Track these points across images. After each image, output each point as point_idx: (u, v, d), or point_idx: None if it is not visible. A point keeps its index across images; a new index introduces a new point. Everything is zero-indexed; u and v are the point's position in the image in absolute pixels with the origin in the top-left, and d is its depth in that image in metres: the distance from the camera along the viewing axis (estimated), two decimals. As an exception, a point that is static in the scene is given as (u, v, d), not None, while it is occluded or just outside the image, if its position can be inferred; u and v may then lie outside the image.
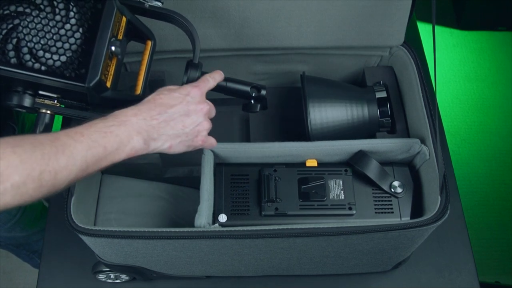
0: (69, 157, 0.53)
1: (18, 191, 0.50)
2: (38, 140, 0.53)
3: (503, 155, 1.84)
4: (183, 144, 0.66)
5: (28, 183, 0.51)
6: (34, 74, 0.58)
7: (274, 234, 0.68)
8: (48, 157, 0.52)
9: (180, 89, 0.66)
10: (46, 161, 0.52)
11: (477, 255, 0.97)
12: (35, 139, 0.53)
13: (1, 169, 0.49)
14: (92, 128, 0.57)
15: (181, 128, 0.64)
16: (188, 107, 0.65)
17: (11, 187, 0.49)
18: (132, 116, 0.60)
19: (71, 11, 0.59)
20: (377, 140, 0.80)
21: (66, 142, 0.54)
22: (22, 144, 0.51)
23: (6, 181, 0.49)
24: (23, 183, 0.50)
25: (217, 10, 0.82)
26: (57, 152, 0.53)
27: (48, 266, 0.93)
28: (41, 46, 0.58)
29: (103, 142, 0.57)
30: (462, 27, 2.11)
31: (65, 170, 0.53)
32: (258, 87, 0.75)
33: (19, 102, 0.61)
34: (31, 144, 0.52)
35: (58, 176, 0.53)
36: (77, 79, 0.59)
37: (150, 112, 0.62)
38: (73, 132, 0.55)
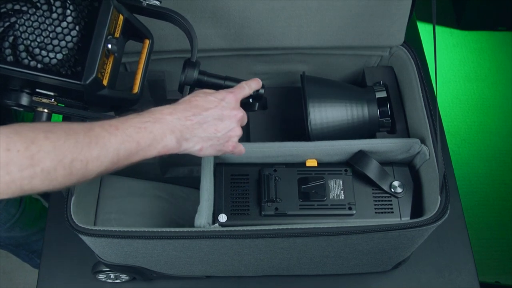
0: (101, 149, 0.54)
1: (48, 177, 0.51)
2: (72, 128, 0.53)
3: (503, 155, 1.84)
4: (214, 148, 0.66)
5: (58, 170, 0.51)
6: (30, 71, 0.58)
7: (274, 234, 0.68)
8: (81, 146, 0.52)
9: (216, 93, 0.66)
10: (79, 149, 0.52)
11: (477, 255, 0.97)
12: (69, 127, 0.53)
13: (33, 153, 0.49)
14: (127, 122, 0.57)
15: (213, 131, 0.64)
16: (223, 111, 0.65)
17: (41, 171, 0.50)
18: (168, 115, 0.61)
19: (67, 9, 0.59)
20: (377, 140, 0.80)
21: (100, 134, 0.54)
22: (56, 130, 0.52)
23: (37, 165, 0.49)
24: (53, 169, 0.50)
25: (217, 10, 0.82)
26: (90, 142, 0.53)
27: (48, 266, 0.93)
28: (38, 44, 0.58)
29: (137, 137, 0.57)
30: (462, 27, 2.11)
31: (97, 161, 0.54)
32: None
33: (16, 101, 0.61)
34: (64, 132, 0.52)
35: (89, 166, 0.53)
36: (73, 76, 0.59)
37: (185, 112, 0.62)
38: (107, 125, 0.56)
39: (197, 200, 0.74)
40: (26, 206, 1.11)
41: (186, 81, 0.70)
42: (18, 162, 0.48)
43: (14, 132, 0.50)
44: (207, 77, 0.72)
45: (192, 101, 0.64)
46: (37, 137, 0.50)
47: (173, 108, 0.62)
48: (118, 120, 0.57)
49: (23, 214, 1.10)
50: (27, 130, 0.50)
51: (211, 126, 0.64)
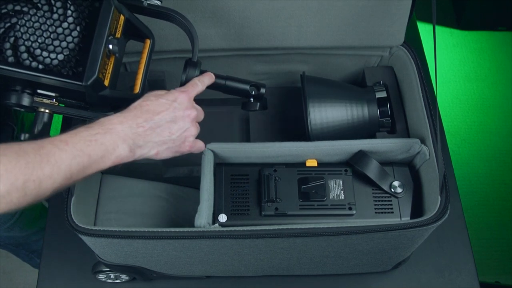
0: (53, 166, 0.53)
1: (3, 200, 0.50)
2: (23, 149, 0.52)
3: (503, 155, 1.84)
4: (170, 150, 0.65)
5: (12, 193, 0.51)
6: (31, 72, 0.58)
7: (274, 234, 0.68)
8: (32, 166, 0.52)
9: (167, 94, 0.65)
10: (30, 170, 0.51)
11: (477, 255, 0.97)
12: (19, 148, 0.52)
13: None
14: (77, 136, 0.56)
15: (167, 135, 0.64)
16: (175, 113, 0.64)
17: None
18: (118, 124, 0.60)
19: (68, 9, 0.59)
20: (377, 140, 0.80)
21: (51, 151, 0.54)
22: (6, 153, 0.51)
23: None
24: (7, 192, 0.50)
25: (217, 10, 0.82)
26: (42, 161, 0.53)
27: (48, 266, 0.93)
28: (39, 44, 0.58)
29: (87, 150, 0.56)
30: (462, 27, 2.11)
31: (50, 179, 0.53)
32: (257, 85, 0.75)
33: (17, 101, 0.61)
34: (15, 153, 0.51)
35: (42, 185, 0.53)
36: (74, 77, 0.59)
37: (136, 119, 0.61)
38: (57, 141, 0.55)
39: (197, 200, 0.74)
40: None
41: (187, 81, 0.70)
42: None
43: None
44: None
45: (143, 106, 0.63)
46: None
47: (123, 116, 0.61)
48: (68, 134, 0.56)
49: (23, 214, 1.10)
50: None
51: (165, 130, 0.63)
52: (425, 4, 0.94)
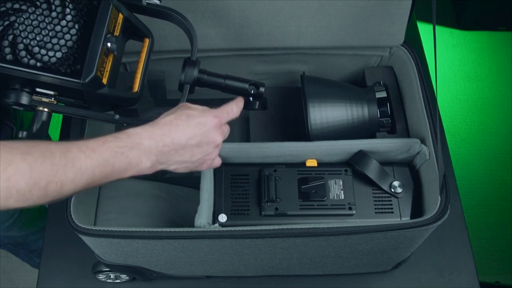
0: (77, 171, 0.54)
1: (23, 197, 0.51)
2: (49, 149, 0.53)
3: (503, 155, 1.84)
4: (188, 168, 0.67)
5: (33, 191, 0.51)
6: (29, 70, 0.58)
7: (274, 234, 0.68)
8: (56, 168, 0.53)
9: (200, 116, 0.64)
10: (55, 172, 0.53)
11: (477, 255, 0.97)
12: (46, 148, 0.53)
13: (9, 175, 0.50)
14: (104, 145, 0.57)
15: (189, 157, 0.64)
16: (202, 138, 0.64)
17: (16, 193, 0.50)
18: (146, 139, 0.60)
19: (67, 7, 0.59)
20: (377, 140, 0.80)
21: (77, 156, 0.55)
22: (33, 151, 0.52)
23: (13, 187, 0.50)
24: (29, 191, 0.51)
25: (217, 10, 0.82)
26: (67, 164, 0.54)
27: (48, 266, 0.93)
28: (37, 42, 0.59)
29: (112, 161, 0.57)
30: (462, 27, 2.11)
31: (72, 183, 0.54)
32: (256, 84, 0.75)
33: (16, 100, 0.61)
34: (41, 153, 0.52)
35: (64, 188, 0.54)
36: (72, 75, 0.59)
37: (164, 138, 0.61)
38: (84, 146, 0.56)
39: (197, 200, 0.74)
40: (25, 206, 1.11)
41: (186, 80, 0.70)
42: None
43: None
44: (207, 75, 0.72)
45: (172, 125, 0.62)
46: (14, 158, 0.50)
47: (152, 132, 0.61)
48: (96, 141, 0.57)
49: (22, 214, 1.10)
50: (5, 151, 0.51)
51: (188, 152, 0.64)
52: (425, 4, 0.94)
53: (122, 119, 0.67)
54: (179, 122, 0.63)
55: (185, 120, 0.63)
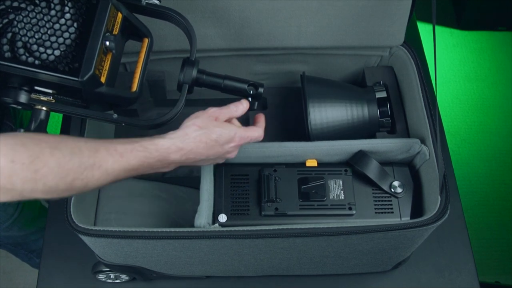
0: (103, 172, 0.57)
1: (49, 190, 0.53)
2: (78, 147, 0.55)
3: (503, 155, 1.84)
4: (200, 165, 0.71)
5: (59, 185, 0.53)
6: (27, 68, 0.58)
7: (274, 234, 0.67)
8: (84, 167, 0.55)
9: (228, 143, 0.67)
10: (82, 170, 0.55)
11: (477, 255, 0.97)
12: (75, 145, 0.55)
13: (37, 168, 0.51)
14: (132, 153, 0.60)
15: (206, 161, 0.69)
16: (224, 154, 0.69)
17: (43, 185, 0.52)
18: (173, 154, 0.63)
19: (66, 6, 0.59)
20: (377, 140, 0.80)
21: (104, 158, 0.57)
22: (61, 147, 0.54)
23: (40, 180, 0.51)
24: (55, 184, 0.53)
25: (217, 10, 0.82)
26: (94, 165, 0.56)
27: (48, 266, 0.93)
28: (36, 40, 0.59)
29: (137, 167, 0.60)
30: (462, 27, 2.11)
31: (97, 182, 0.57)
32: (255, 85, 0.74)
33: (14, 98, 0.61)
34: (70, 149, 0.54)
35: (88, 185, 0.56)
36: (70, 73, 0.59)
37: (189, 154, 0.65)
38: (113, 149, 0.58)
39: (197, 200, 0.74)
40: (24, 206, 1.11)
41: (184, 80, 0.70)
42: (22, 174, 0.50)
43: (20, 144, 0.51)
44: (206, 76, 0.72)
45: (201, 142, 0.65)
46: (43, 152, 0.52)
47: (181, 148, 0.64)
48: (124, 147, 0.59)
49: (22, 214, 1.10)
50: (33, 143, 0.52)
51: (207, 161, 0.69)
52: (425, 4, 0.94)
53: (121, 118, 0.67)
54: (207, 141, 0.65)
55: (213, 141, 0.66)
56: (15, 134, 0.53)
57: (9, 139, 0.51)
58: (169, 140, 0.63)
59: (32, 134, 0.54)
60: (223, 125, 0.67)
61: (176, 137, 0.64)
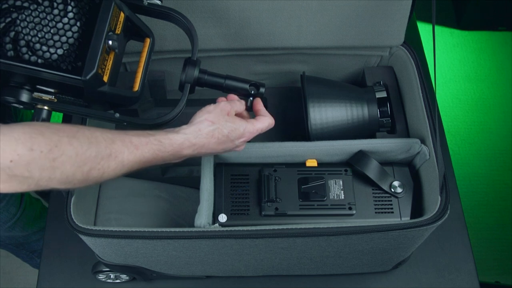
0: (119, 163, 0.58)
1: (66, 180, 0.53)
2: (95, 136, 0.56)
3: (503, 155, 1.84)
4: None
5: (76, 175, 0.54)
6: (30, 66, 0.58)
7: (274, 234, 0.68)
8: (101, 157, 0.56)
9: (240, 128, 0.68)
10: (99, 160, 0.55)
11: (477, 255, 0.97)
12: (91, 134, 0.56)
13: (55, 156, 0.51)
14: (147, 146, 0.61)
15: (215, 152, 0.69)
16: (233, 148, 0.70)
17: (60, 174, 0.52)
18: (186, 149, 0.64)
19: (69, 5, 0.60)
20: (377, 140, 0.80)
21: (120, 149, 0.58)
22: (79, 136, 0.54)
23: (57, 168, 0.52)
24: (72, 173, 0.53)
25: (217, 10, 0.82)
26: (110, 155, 0.56)
27: (48, 266, 0.93)
28: (39, 39, 0.59)
29: (151, 159, 0.61)
30: (462, 27, 2.11)
31: (112, 172, 0.58)
32: (257, 85, 0.75)
33: (16, 97, 0.61)
34: (88, 139, 0.55)
35: (104, 175, 0.57)
36: (73, 72, 0.59)
37: (201, 149, 0.66)
38: (128, 141, 0.59)
39: (197, 200, 0.74)
40: (26, 206, 1.11)
41: (186, 80, 0.70)
42: (40, 162, 0.50)
43: (38, 133, 0.51)
44: (208, 75, 0.72)
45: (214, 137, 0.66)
46: (61, 141, 0.52)
47: (194, 144, 0.64)
48: (139, 139, 0.60)
49: (24, 214, 1.10)
50: (51, 132, 0.52)
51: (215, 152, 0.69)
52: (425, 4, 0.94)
53: (122, 117, 0.67)
54: (220, 137, 0.66)
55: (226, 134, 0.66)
56: (32, 123, 0.53)
57: (27, 128, 0.51)
58: (183, 135, 0.64)
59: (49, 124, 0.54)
60: (234, 120, 0.68)
61: (189, 132, 0.64)
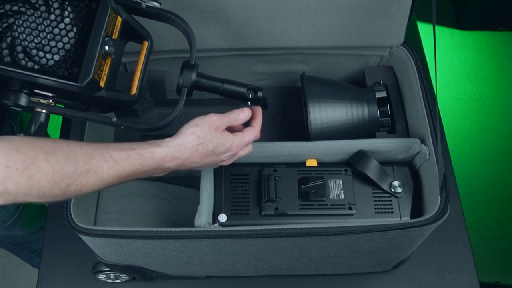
0: (98, 178, 0.57)
1: (43, 195, 0.53)
2: (72, 152, 0.55)
3: (503, 155, 1.84)
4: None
5: (53, 191, 0.53)
6: (27, 72, 0.58)
7: (274, 234, 0.68)
8: (79, 173, 0.55)
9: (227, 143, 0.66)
10: (77, 176, 0.55)
11: (477, 255, 0.97)
12: (69, 150, 0.55)
13: (31, 173, 0.51)
14: (128, 160, 0.60)
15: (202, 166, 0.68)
16: (219, 163, 0.69)
17: (37, 190, 0.52)
18: (168, 162, 0.63)
19: (65, 10, 0.59)
20: (377, 140, 0.80)
21: (99, 164, 0.57)
22: (56, 153, 0.54)
23: (34, 185, 0.51)
24: (49, 190, 0.53)
25: (217, 10, 0.82)
26: (89, 171, 0.56)
27: (48, 266, 0.93)
28: (35, 45, 0.59)
29: (132, 174, 0.61)
30: (462, 27, 2.11)
31: (91, 187, 0.57)
32: (254, 89, 0.74)
33: (14, 101, 0.61)
34: (65, 155, 0.54)
35: (82, 190, 0.56)
36: (69, 78, 0.59)
37: (185, 162, 0.64)
38: (108, 156, 0.58)
39: (197, 200, 0.74)
40: (25, 205, 1.11)
41: (184, 84, 0.70)
42: (16, 180, 0.50)
43: (14, 149, 0.51)
44: (205, 79, 0.71)
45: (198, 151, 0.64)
46: (37, 157, 0.52)
47: (177, 157, 0.63)
48: (119, 153, 0.59)
49: (23, 213, 1.10)
50: (27, 148, 0.52)
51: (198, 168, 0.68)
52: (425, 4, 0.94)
53: (119, 121, 0.67)
54: (204, 151, 0.65)
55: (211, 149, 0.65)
56: (9, 138, 0.52)
57: (3, 144, 0.50)
58: (166, 149, 0.62)
59: (26, 138, 0.53)
60: (221, 136, 0.66)
61: (173, 145, 0.63)
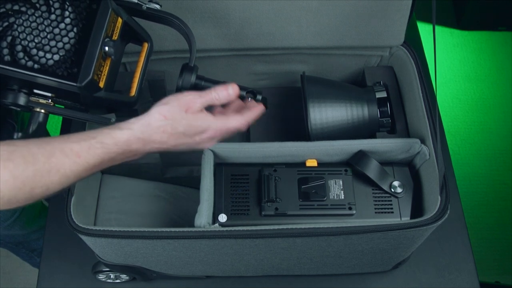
0: (62, 175, 0.55)
1: (8, 202, 0.52)
2: (31, 153, 0.53)
3: (503, 155, 1.84)
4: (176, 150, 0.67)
5: (18, 196, 0.52)
6: (26, 72, 0.58)
7: (274, 234, 0.68)
8: (40, 174, 0.53)
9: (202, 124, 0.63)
10: (39, 178, 0.53)
11: (477, 255, 0.97)
12: (28, 152, 0.53)
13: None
14: (90, 151, 0.57)
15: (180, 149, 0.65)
16: (196, 145, 0.65)
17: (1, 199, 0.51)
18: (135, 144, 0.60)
19: (66, 10, 0.60)
20: (377, 140, 0.80)
21: (61, 161, 0.55)
22: (14, 158, 0.52)
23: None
24: (14, 196, 0.52)
25: (217, 10, 0.82)
26: (51, 170, 0.54)
27: (48, 266, 0.93)
28: (35, 44, 0.59)
29: (98, 163, 0.58)
30: (462, 27, 2.11)
31: (58, 185, 0.55)
32: (254, 92, 0.74)
33: (13, 101, 0.61)
34: (23, 158, 0.52)
35: (50, 190, 0.54)
36: (69, 78, 0.59)
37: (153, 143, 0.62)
38: (68, 149, 0.56)
39: (197, 200, 0.74)
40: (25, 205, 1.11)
41: (183, 86, 0.70)
42: None
43: None
44: (205, 82, 0.71)
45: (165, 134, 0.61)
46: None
47: (142, 139, 0.60)
48: (80, 145, 0.57)
49: (23, 212, 1.10)
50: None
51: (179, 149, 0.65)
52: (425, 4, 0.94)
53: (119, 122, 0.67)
54: (173, 132, 0.62)
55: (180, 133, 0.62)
56: None
57: None
58: (128, 131, 0.59)
59: None
60: (193, 117, 0.62)
61: (136, 127, 0.60)
